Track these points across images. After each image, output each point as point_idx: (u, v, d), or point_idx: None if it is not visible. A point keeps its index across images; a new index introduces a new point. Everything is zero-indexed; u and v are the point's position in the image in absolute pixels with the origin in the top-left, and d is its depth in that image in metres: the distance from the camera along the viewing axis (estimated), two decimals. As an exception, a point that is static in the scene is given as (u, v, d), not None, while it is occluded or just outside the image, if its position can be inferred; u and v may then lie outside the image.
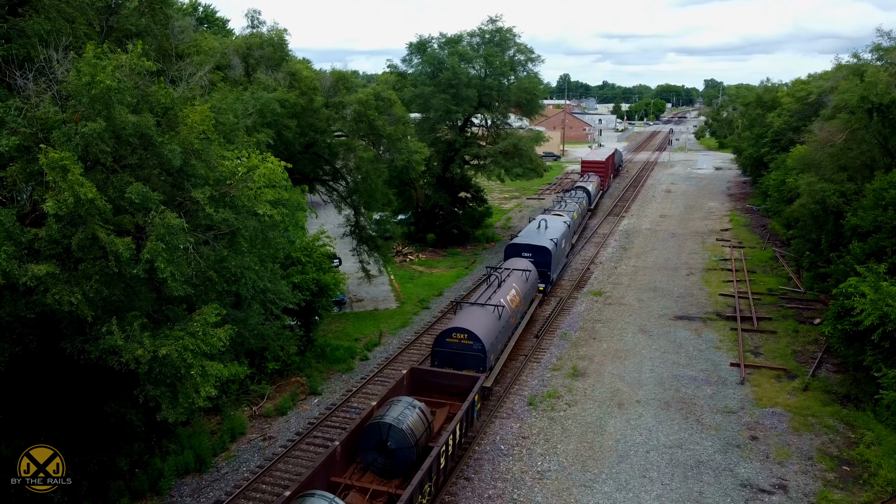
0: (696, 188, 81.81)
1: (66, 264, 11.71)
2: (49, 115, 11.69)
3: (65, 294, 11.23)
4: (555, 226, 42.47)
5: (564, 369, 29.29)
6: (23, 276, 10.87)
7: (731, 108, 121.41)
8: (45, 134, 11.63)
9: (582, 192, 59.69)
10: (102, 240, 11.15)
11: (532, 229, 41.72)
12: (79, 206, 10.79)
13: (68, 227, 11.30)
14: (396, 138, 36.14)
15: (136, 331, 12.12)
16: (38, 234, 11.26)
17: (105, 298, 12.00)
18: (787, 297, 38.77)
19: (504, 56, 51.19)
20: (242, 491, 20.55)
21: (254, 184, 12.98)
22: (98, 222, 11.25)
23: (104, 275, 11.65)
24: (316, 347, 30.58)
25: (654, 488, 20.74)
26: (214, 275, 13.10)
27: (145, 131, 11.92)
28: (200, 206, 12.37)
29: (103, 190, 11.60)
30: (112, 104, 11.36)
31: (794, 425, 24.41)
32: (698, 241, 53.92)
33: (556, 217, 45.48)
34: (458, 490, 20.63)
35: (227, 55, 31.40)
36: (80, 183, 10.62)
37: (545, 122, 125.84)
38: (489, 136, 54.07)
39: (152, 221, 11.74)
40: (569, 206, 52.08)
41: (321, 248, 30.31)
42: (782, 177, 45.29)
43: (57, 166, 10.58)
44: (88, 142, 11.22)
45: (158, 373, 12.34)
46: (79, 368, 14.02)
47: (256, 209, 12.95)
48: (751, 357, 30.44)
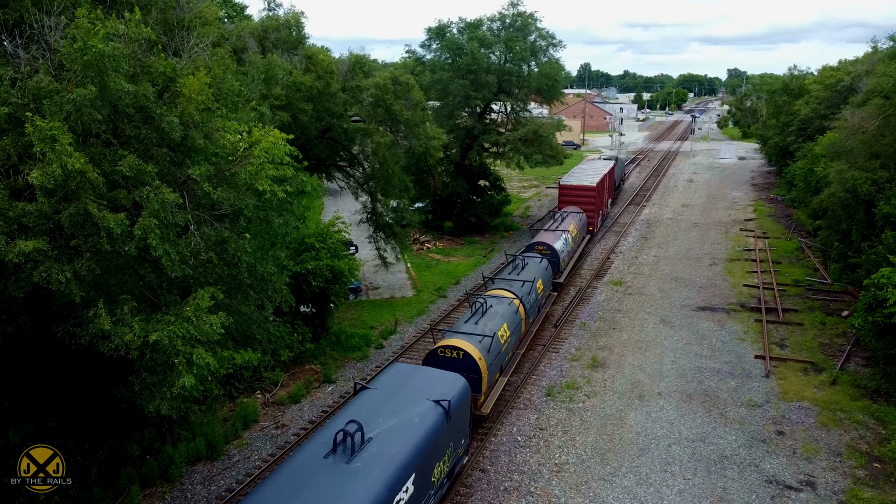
0: (719, 178, 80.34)
1: (58, 241, 11.21)
2: (42, 85, 11.17)
3: (53, 272, 10.71)
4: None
5: (584, 360, 28.62)
6: (10, 252, 10.37)
7: (756, 96, 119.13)
8: (38, 104, 11.12)
9: (538, 262, 32.46)
10: (95, 215, 10.60)
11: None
12: (69, 180, 10.26)
13: (61, 203, 10.78)
14: (414, 124, 35.47)
15: (127, 315, 11.55)
16: (26, 209, 10.76)
17: (97, 278, 11.47)
18: (813, 288, 37.73)
19: (525, 41, 50.27)
20: (254, 479, 20.23)
21: (256, 160, 12.31)
22: (90, 197, 10.69)
23: (96, 252, 11.11)
24: (331, 335, 30.17)
25: (676, 483, 20.08)
26: (214, 256, 12.51)
27: (143, 102, 11.35)
28: (198, 183, 11.78)
29: (98, 163, 11.06)
30: (106, 71, 10.79)
31: (821, 420, 23.58)
32: (721, 230, 52.82)
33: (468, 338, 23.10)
34: (473, 482, 20.12)
35: (242, 38, 30.93)
36: (69, 153, 10.06)
37: (565, 111, 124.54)
38: (508, 122, 53.26)
39: (147, 197, 11.18)
40: (496, 309, 25.57)
41: (336, 235, 29.82)
42: (810, 165, 44.09)
43: (45, 136, 10.04)
44: (80, 110, 10.67)
45: (150, 359, 11.79)
46: (84, 353, 13.61)
47: (257, 185, 12.26)
48: (776, 349, 29.57)
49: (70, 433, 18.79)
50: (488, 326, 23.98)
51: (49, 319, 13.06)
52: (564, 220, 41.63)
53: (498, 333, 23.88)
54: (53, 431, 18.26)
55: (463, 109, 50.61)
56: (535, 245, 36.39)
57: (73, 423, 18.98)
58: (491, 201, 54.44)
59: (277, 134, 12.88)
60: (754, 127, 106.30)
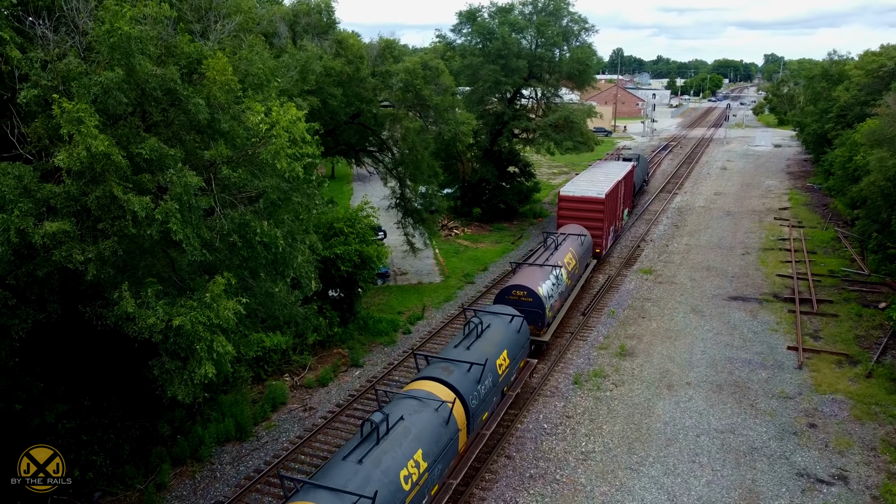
0: (754, 166, 78.82)
1: (85, 223, 11.32)
2: (71, 68, 11.25)
3: (74, 252, 10.79)
4: None
5: (612, 348, 28.38)
6: (36, 234, 10.50)
7: (793, 82, 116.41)
8: (67, 87, 11.21)
9: (505, 324, 22.85)
10: (120, 198, 10.67)
11: None
12: (95, 162, 10.33)
13: (88, 185, 10.88)
14: (444, 109, 35.32)
15: (151, 298, 11.67)
16: (54, 191, 10.87)
17: (124, 261, 11.56)
18: (849, 279, 36.87)
19: (557, 25, 49.58)
20: (282, 461, 20.45)
21: (277, 139, 12.23)
22: (115, 179, 10.77)
23: (123, 235, 11.18)
24: (358, 319, 30.31)
25: (704, 474, 19.84)
26: (238, 239, 12.53)
27: (170, 85, 11.36)
28: (218, 166, 11.78)
29: (125, 146, 11.12)
30: (132, 53, 10.83)
31: (855, 413, 23.09)
32: (755, 219, 51.86)
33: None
34: (499, 468, 20.11)
35: (273, 22, 31.00)
36: (94, 136, 10.11)
37: (597, 97, 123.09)
38: (539, 108, 52.72)
39: (170, 180, 11.21)
40: (398, 434, 15.85)
41: (365, 220, 29.88)
42: (849, 153, 43.00)
43: (72, 118, 10.12)
44: (107, 92, 10.72)
45: (174, 343, 11.86)
46: (113, 334, 13.80)
47: (276, 164, 12.15)
48: (809, 341, 28.99)
49: (103, 412, 19.18)
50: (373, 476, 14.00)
51: (77, 301, 13.24)
52: (559, 248, 31.28)
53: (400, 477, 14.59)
54: (87, 410, 18.67)
55: (493, 95, 50.19)
56: (511, 290, 26.41)
57: (105, 402, 19.37)
58: (520, 188, 54.07)
59: (295, 111, 12.75)
60: (791, 114, 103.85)
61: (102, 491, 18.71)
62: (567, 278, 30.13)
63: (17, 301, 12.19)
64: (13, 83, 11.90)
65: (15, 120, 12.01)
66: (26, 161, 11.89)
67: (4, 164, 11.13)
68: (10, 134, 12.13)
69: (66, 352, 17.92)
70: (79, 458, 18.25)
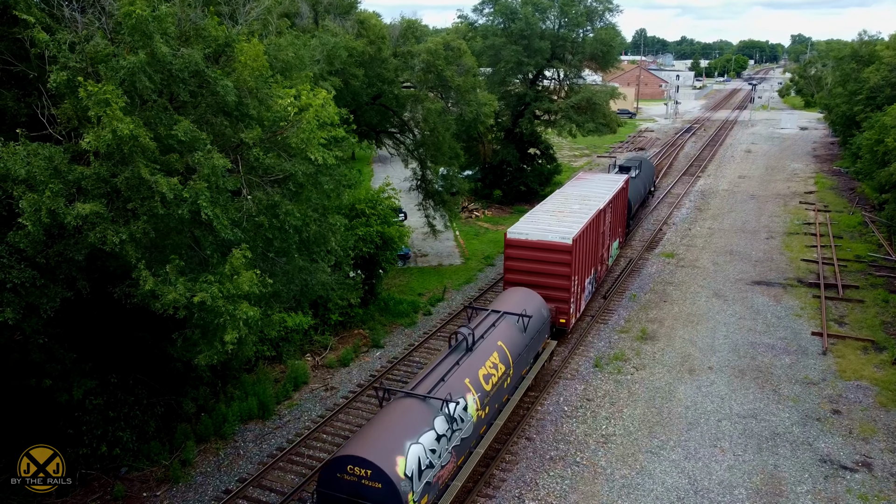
0: (779, 149, 77.63)
1: (115, 204, 11.44)
2: (99, 49, 11.30)
3: (109, 234, 10.94)
4: None
5: (633, 332, 28.27)
6: (68, 214, 10.63)
7: (821, 63, 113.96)
8: (95, 69, 11.29)
9: None
10: (148, 179, 10.76)
11: None
12: (123, 143, 10.40)
13: (118, 166, 10.99)
14: (465, 90, 35.08)
15: (171, 274, 11.80)
16: (84, 173, 10.99)
17: (154, 240, 11.69)
18: (876, 264, 36.33)
19: (580, 5, 48.98)
20: (304, 439, 20.69)
21: (307, 125, 12.26)
22: (143, 161, 10.86)
23: (152, 216, 11.31)
24: (379, 300, 30.45)
25: (726, 459, 19.78)
26: (265, 220, 12.60)
27: (195, 67, 11.40)
28: (250, 149, 11.83)
29: (153, 128, 11.18)
30: (151, 35, 10.86)
31: (881, 400, 22.85)
32: (780, 203, 51.17)
33: None
34: (518, 450, 20.19)
35: (295, 2, 30.93)
36: (119, 118, 10.19)
37: (619, 78, 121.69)
38: (561, 90, 52.21)
39: (199, 161, 11.27)
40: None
41: (386, 201, 29.91)
42: (878, 136, 42.10)
43: (99, 100, 10.19)
44: (133, 75, 10.78)
45: (199, 318, 11.99)
46: (139, 312, 13.98)
47: (309, 154, 12.22)
48: (834, 326, 28.67)
49: (129, 389, 19.50)
50: None
51: (106, 281, 13.41)
52: (473, 349, 18.35)
53: None
54: (114, 387, 18.99)
55: (515, 76, 49.78)
56: (342, 465, 13.60)
57: (132, 379, 19.68)
58: (541, 170, 53.68)
59: (325, 94, 12.75)
60: (818, 96, 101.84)
61: (129, 466, 19.08)
62: (478, 408, 17.31)
63: (45, 280, 12.39)
64: (42, 64, 12.01)
65: (45, 100, 12.12)
66: (56, 142, 12.01)
67: (35, 145, 11.26)
68: (39, 114, 12.26)
69: (93, 329, 18.20)
70: (106, 433, 18.60)
